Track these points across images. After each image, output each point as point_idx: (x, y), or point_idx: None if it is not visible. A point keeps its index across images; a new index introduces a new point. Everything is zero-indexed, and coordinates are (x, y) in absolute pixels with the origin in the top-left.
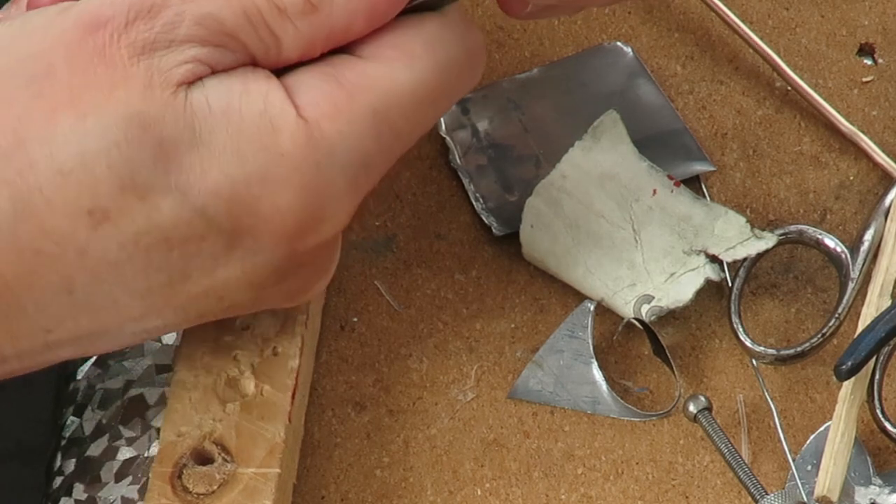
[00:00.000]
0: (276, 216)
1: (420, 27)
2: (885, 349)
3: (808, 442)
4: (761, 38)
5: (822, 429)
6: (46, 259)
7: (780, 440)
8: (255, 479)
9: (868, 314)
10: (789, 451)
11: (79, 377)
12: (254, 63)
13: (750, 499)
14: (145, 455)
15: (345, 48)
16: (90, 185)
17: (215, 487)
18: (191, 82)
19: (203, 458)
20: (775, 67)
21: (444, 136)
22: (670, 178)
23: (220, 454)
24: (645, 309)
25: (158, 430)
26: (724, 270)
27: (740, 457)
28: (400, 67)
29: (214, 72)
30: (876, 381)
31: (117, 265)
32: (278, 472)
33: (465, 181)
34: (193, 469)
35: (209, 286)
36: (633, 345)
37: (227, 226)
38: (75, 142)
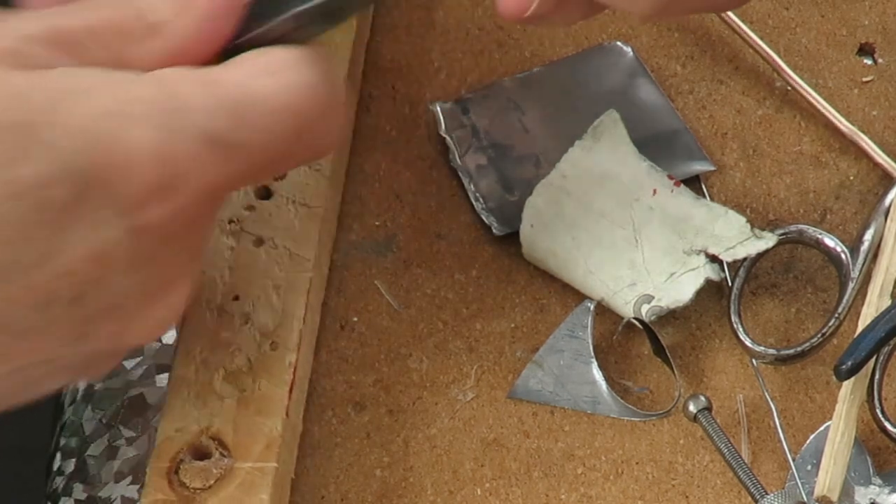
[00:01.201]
0: (128, 154)
1: (277, 50)
2: (885, 349)
3: (808, 442)
4: (761, 38)
5: (822, 429)
6: None
7: (780, 440)
8: (252, 474)
9: (868, 314)
10: (789, 450)
11: None
12: None
13: (750, 499)
14: (145, 455)
15: None
16: None
17: (212, 482)
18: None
19: (200, 453)
20: (775, 67)
21: (444, 135)
22: (670, 178)
23: (217, 449)
24: (645, 309)
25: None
26: (724, 270)
27: (740, 457)
28: (259, 73)
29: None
30: (876, 381)
31: None
32: (275, 466)
33: (465, 181)
34: (191, 464)
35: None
36: (633, 345)
37: (77, 167)
38: None
